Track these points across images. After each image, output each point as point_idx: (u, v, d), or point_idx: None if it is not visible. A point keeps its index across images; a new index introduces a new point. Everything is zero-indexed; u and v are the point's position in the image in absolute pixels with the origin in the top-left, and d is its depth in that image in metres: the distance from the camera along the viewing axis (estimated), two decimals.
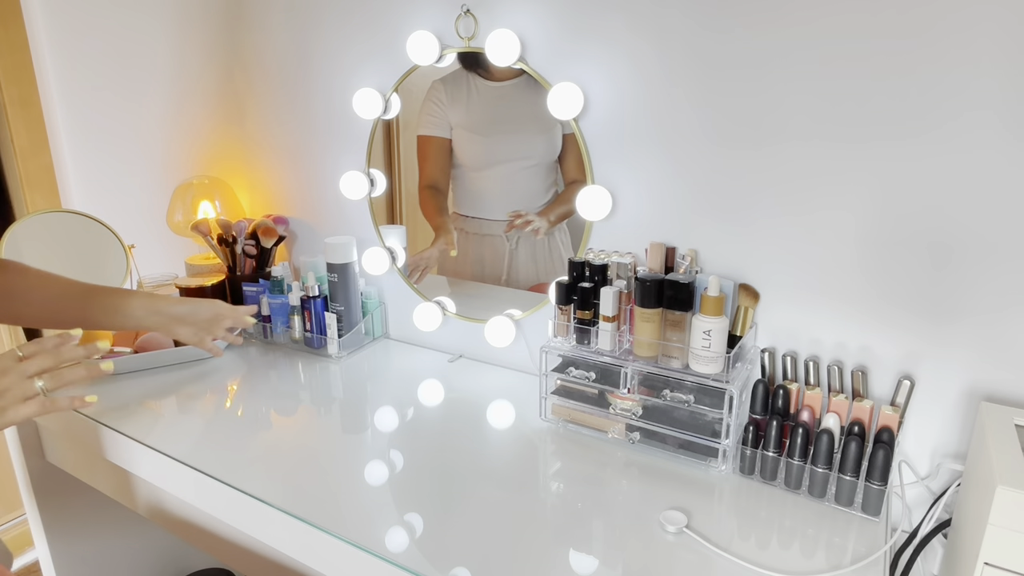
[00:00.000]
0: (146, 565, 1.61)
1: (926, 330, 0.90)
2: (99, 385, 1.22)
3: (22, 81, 1.82)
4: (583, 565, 0.77)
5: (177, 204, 1.59)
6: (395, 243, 1.37)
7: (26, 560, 1.98)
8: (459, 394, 1.21)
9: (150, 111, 1.70)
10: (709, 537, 0.80)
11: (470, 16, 1.13)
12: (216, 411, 1.15)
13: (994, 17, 0.77)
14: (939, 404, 0.92)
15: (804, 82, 0.90)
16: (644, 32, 0.99)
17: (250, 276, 1.46)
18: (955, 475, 0.93)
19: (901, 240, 0.89)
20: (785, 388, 0.93)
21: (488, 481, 0.93)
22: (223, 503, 0.93)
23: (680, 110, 1.00)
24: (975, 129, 0.81)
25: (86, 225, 1.35)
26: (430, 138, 1.24)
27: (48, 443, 1.31)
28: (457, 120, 1.20)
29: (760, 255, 1.00)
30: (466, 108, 1.17)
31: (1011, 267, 0.83)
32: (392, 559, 0.76)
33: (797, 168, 0.93)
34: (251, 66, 1.47)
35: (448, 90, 1.19)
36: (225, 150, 1.60)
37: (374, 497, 0.90)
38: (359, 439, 1.06)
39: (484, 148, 1.21)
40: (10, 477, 1.90)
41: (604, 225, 1.12)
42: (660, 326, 0.96)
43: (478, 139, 1.20)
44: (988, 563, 0.68)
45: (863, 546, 0.80)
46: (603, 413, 1.02)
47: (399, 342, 1.44)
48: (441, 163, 1.26)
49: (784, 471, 0.90)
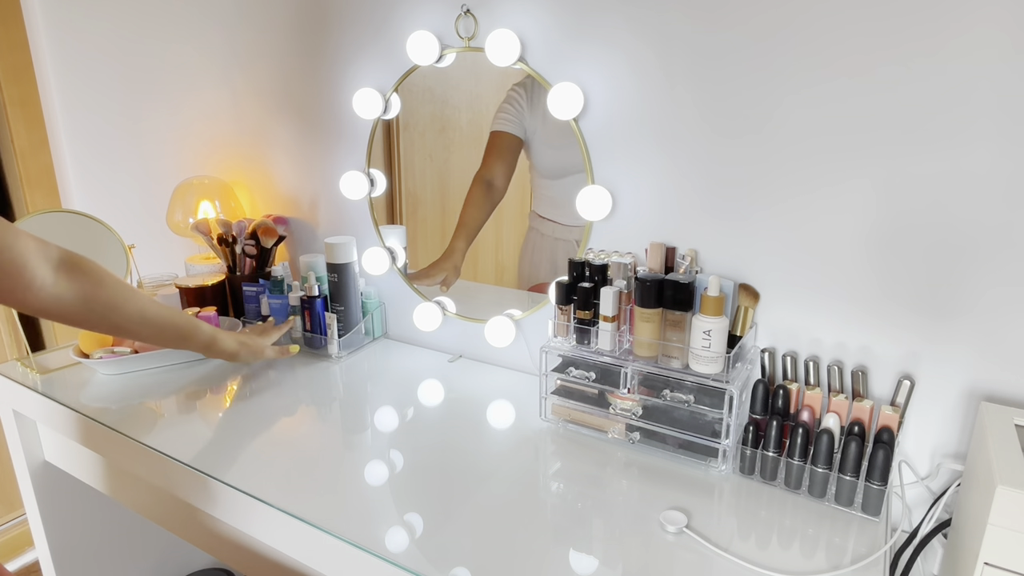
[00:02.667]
0: (146, 565, 1.61)
1: (926, 330, 0.90)
2: (99, 386, 1.22)
3: (22, 81, 1.82)
4: (583, 565, 0.77)
5: (177, 204, 1.58)
6: (395, 243, 1.38)
7: (26, 560, 1.98)
8: (459, 394, 1.21)
9: (150, 111, 1.70)
10: (709, 537, 0.80)
11: (470, 16, 1.13)
12: (216, 411, 1.15)
13: (995, 15, 0.77)
14: (939, 404, 0.92)
15: (804, 81, 0.90)
16: (644, 32, 1.00)
17: (250, 276, 1.46)
18: (955, 475, 0.93)
19: (901, 240, 0.89)
20: (785, 388, 0.93)
21: (488, 481, 0.93)
22: (223, 503, 0.93)
23: (680, 110, 1.00)
24: (976, 127, 0.81)
25: (86, 225, 1.35)
26: (503, 133, 1.23)
27: (48, 443, 1.31)
28: (533, 128, 1.20)
29: (760, 255, 1.00)
30: (543, 117, 1.16)
31: (1011, 267, 0.83)
32: (392, 559, 0.76)
33: (797, 168, 0.93)
34: (251, 65, 1.47)
35: (528, 95, 1.19)
36: (225, 150, 1.60)
37: (374, 497, 0.90)
38: (359, 439, 1.06)
39: (557, 159, 1.21)
40: (10, 477, 1.90)
41: (604, 225, 1.12)
42: (660, 326, 0.96)
43: (551, 151, 1.20)
44: (988, 563, 0.68)
45: (863, 546, 0.80)
46: (603, 413, 1.02)
47: (399, 342, 1.44)
48: (507, 160, 1.25)
49: (784, 471, 0.90)
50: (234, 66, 1.50)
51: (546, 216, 1.25)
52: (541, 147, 1.21)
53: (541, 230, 1.26)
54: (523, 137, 1.22)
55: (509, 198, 1.28)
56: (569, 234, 1.21)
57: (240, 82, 1.50)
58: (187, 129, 1.65)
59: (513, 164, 1.25)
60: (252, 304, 1.44)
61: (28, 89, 1.84)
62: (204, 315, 1.34)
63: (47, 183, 1.93)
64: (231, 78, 1.51)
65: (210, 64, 1.53)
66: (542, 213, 1.26)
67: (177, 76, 1.61)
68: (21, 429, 1.30)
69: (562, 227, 1.23)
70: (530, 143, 1.22)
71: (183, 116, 1.65)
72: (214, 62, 1.53)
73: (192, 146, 1.66)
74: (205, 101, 1.59)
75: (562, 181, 1.20)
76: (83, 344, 1.28)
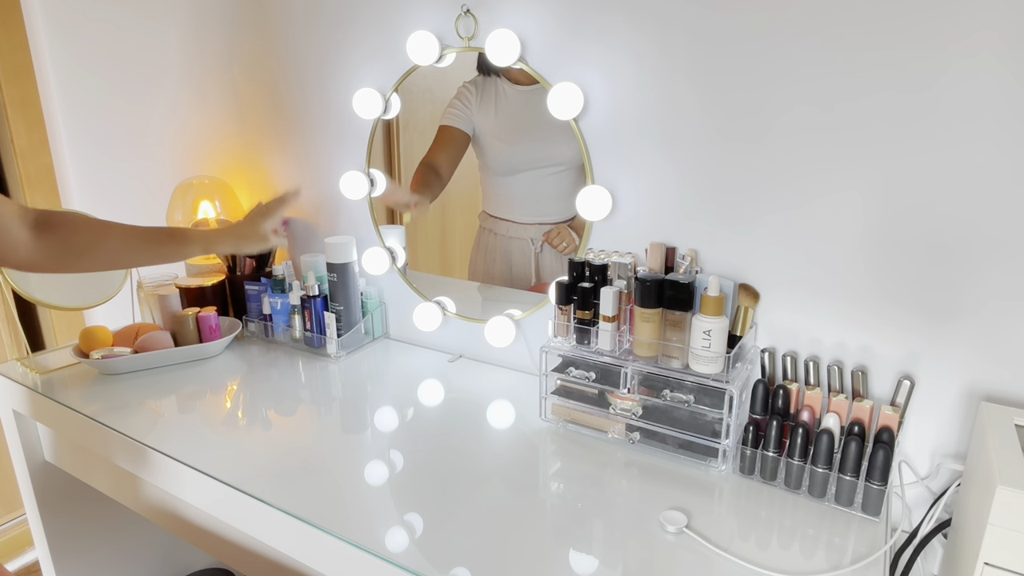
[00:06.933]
0: (146, 565, 1.61)
1: (926, 330, 0.90)
2: (99, 386, 1.22)
3: (22, 81, 1.82)
4: (583, 565, 0.77)
5: (177, 204, 1.58)
6: (395, 243, 1.38)
7: (26, 560, 1.98)
8: (459, 394, 1.21)
9: (150, 111, 1.70)
10: (709, 537, 0.80)
11: (470, 16, 1.13)
12: (216, 411, 1.15)
13: (995, 14, 0.77)
14: (939, 404, 0.92)
15: (805, 82, 0.90)
16: (644, 31, 0.99)
17: (250, 276, 1.46)
18: (955, 475, 0.93)
19: (901, 239, 0.89)
20: (785, 388, 0.93)
21: (488, 481, 0.93)
22: (223, 503, 0.93)
23: (680, 110, 1.00)
24: (976, 127, 0.81)
25: None
26: (449, 128, 1.24)
27: (48, 443, 1.31)
28: (485, 126, 1.20)
29: (760, 255, 1.00)
30: (495, 114, 1.17)
31: (1011, 267, 0.83)
32: (392, 559, 0.76)
33: (797, 168, 0.93)
34: (251, 65, 1.47)
35: (478, 92, 1.19)
36: (225, 150, 1.60)
37: (374, 497, 0.90)
38: (359, 439, 1.06)
39: (510, 155, 1.21)
40: (10, 477, 1.90)
41: (604, 225, 1.12)
42: (660, 326, 0.96)
43: (504, 147, 1.20)
44: (988, 563, 0.68)
45: (863, 546, 0.80)
46: (603, 413, 1.02)
47: (399, 342, 1.44)
48: (451, 152, 1.26)
49: (784, 471, 0.90)
50: (234, 66, 1.50)
51: (498, 215, 1.25)
52: (492, 143, 1.21)
53: (494, 229, 1.26)
54: (470, 133, 1.22)
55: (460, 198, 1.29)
56: (524, 232, 1.21)
57: (240, 82, 1.50)
58: (187, 129, 1.65)
59: (457, 158, 1.26)
60: (254, 303, 1.44)
61: (28, 89, 1.84)
62: (203, 315, 1.34)
63: (47, 183, 1.93)
64: (231, 78, 1.51)
65: (210, 64, 1.53)
66: (493, 212, 1.25)
67: (177, 76, 1.61)
68: (21, 429, 1.30)
69: (516, 225, 1.22)
70: (479, 140, 1.22)
71: (183, 116, 1.65)
72: (214, 62, 1.53)
73: (192, 146, 1.66)
74: (205, 101, 1.59)
75: (515, 178, 1.20)
76: (83, 344, 1.28)
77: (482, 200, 1.27)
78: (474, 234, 1.30)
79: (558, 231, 1.19)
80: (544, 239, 1.21)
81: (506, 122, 1.16)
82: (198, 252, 1.07)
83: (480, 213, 1.28)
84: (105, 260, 0.98)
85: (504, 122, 1.18)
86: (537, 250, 1.23)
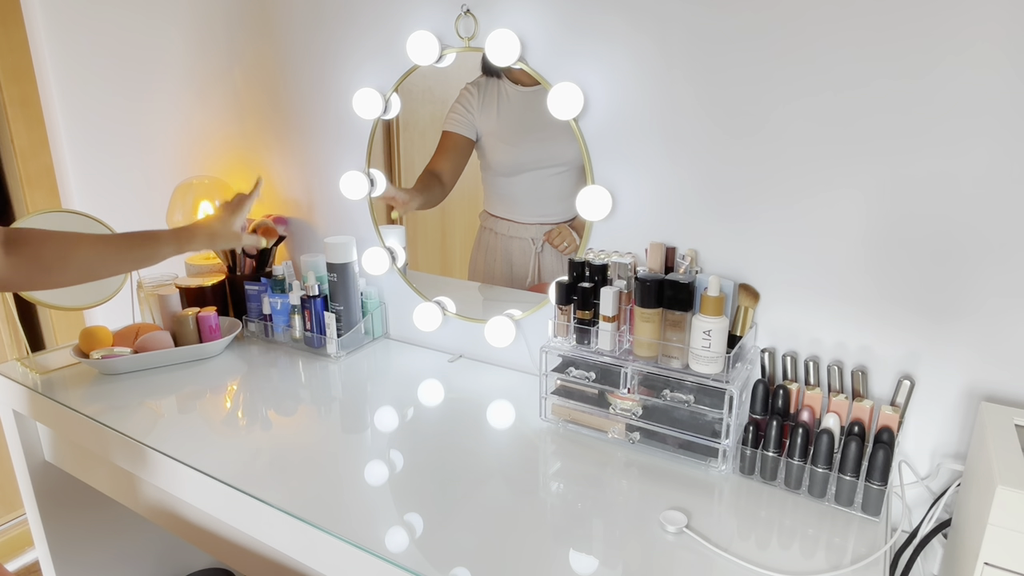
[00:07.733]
0: (146, 565, 1.61)
1: (926, 330, 0.90)
2: (99, 386, 1.22)
3: (22, 81, 1.83)
4: (583, 565, 0.77)
5: (177, 204, 1.58)
6: (395, 243, 1.38)
7: (26, 560, 1.98)
8: (459, 394, 1.21)
9: (150, 111, 1.70)
10: (709, 537, 0.80)
11: (470, 16, 1.13)
12: (216, 411, 1.15)
13: (996, 16, 0.77)
14: (939, 404, 0.92)
15: (805, 83, 0.90)
16: (644, 31, 0.99)
17: (250, 276, 1.46)
18: (955, 475, 0.93)
19: (901, 240, 0.89)
20: (785, 388, 0.93)
21: (488, 481, 0.93)
22: (223, 503, 0.93)
23: (680, 110, 1.00)
24: (977, 128, 0.81)
25: (86, 225, 1.35)
26: (452, 134, 1.24)
27: (48, 443, 1.31)
28: (487, 128, 1.20)
29: (760, 255, 1.00)
30: (496, 115, 1.17)
31: (1011, 267, 0.83)
32: (392, 559, 0.76)
33: (797, 168, 0.93)
34: (251, 65, 1.47)
35: (480, 95, 1.19)
36: (226, 150, 1.60)
37: (374, 497, 0.90)
38: (359, 439, 1.06)
39: (513, 156, 1.21)
40: (10, 477, 1.90)
41: (604, 225, 1.12)
42: (660, 326, 0.96)
43: (507, 148, 1.20)
44: (988, 563, 0.68)
45: (863, 546, 0.80)
46: (603, 413, 1.02)
47: (399, 342, 1.44)
48: (454, 158, 1.26)
49: (784, 471, 0.90)
50: (235, 66, 1.50)
51: (499, 215, 1.25)
52: (495, 144, 1.21)
53: (495, 229, 1.26)
54: (473, 137, 1.22)
55: (461, 198, 1.29)
56: (525, 232, 1.21)
57: (240, 82, 1.50)
58: (187, 129, 1.65)
59: (461, 164, 1.26)
60: (254, 303, 1.44)
61: (28, 89, 1.84)
62: (203, 315, 1.34)
63: (47, 183, 1.93)
64: (231, 78, 1.51)
65: (210, 64, 1.53)
66: (494, 212, 1.26)
67: (177, 76, 1.61)
68: (21, 429, 1.30)
69: (517, 225, 1.22)
70: (482, 141, 1.22)
71: (183, 116, 1.65)
72: (214, 62, 1.53)
73: (192, 146, 1.66)
74: (206, 101, 1.59)
75: (517, 178, 1.20)
76: (83, 344, 1.28)
77: (483, 199, 1.28)
78: (474, 234, 1.30)
79: (559, 231, 1.19)
80: (545, 239, 1.21)
81: (508, 123, 1.16)
82: (172, 252, 1.06)
83: (481, 212, 1.28)
84: (78, 272, 0.96)
85: (506, 123, 1.18)
86: (538, 250, 1.23)
